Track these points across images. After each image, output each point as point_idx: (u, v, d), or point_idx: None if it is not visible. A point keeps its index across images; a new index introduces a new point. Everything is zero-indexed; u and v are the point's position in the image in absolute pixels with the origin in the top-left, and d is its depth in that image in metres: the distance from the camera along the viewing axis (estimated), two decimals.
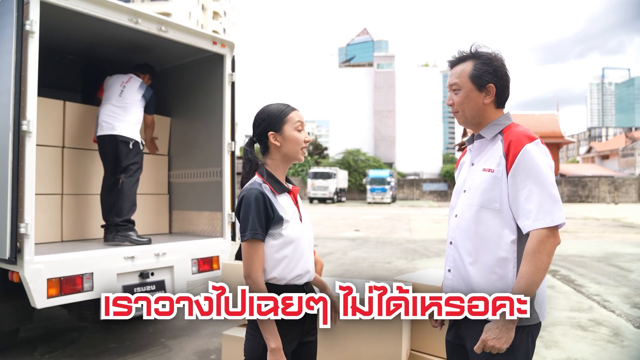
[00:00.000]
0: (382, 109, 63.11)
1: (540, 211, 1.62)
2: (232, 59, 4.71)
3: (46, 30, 3.58)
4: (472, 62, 1.78)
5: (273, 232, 1.75)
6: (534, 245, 1.61)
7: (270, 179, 1.82)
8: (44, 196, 4.21)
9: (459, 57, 1.83)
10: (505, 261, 1.69)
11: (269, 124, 1.83)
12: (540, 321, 1.73)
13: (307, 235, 1.87)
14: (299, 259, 1.80)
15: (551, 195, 1.65)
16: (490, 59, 1.77)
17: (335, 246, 11.38)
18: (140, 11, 3.92)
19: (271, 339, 1.68)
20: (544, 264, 1.61)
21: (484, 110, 1.79)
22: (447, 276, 1.86)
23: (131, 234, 4.14)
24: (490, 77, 1.75)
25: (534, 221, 1.63)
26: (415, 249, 11.03)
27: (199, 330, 4.69)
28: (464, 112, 1.81)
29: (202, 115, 4.98)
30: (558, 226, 1.64)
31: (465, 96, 1.79)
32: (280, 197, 1.81)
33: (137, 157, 4.36)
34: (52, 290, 3.44)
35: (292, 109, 1.87)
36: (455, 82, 1.81)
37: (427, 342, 3.01)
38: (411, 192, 45.51)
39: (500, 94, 1.79)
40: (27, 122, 3.25)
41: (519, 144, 1.67)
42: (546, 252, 1.61)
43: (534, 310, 1.68)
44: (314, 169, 38.14)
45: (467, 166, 1.88)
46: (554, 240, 1.63)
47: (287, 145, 1.83)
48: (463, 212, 1.80)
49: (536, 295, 1.68)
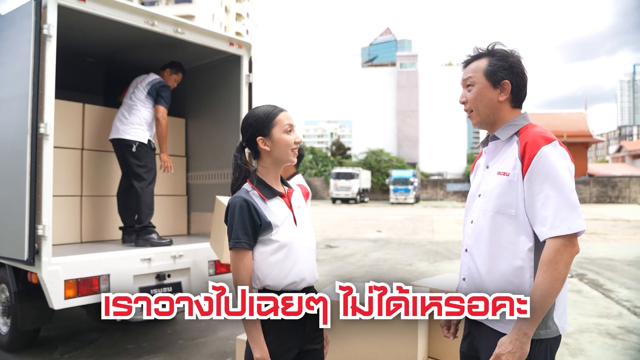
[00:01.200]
0: (405, 109, 62.59)
1: (557, 218, 1.52)
2: (249, 60, 4.69)
3: (65, 34, 3.63)
4: (487, 59, 1.71)
5: (262, 238, 1.72)
6: (550, 255, 1.52)
7: (260, 184, 1.78)
8: (63, 198, 4.26)
9: (474, 55, 1.76)
10: (522, 270, 1.60)
11: (256, 128, 1.78)
12: (560, 334, 1.63)
13: (303, 239, 1.81)
14: (292, 264, 1.74)
15: (569, 201, 1.54)
16: (506, 55, 1.69)
17: (356, 247, 11.29)
18: (156, 13, 3.93)
19: (256, 348, 1.65)
20: (561, 274, 1.51)
21: (499, 108, 1.70)
22: (461, 285, 1.78)
23: (152, 237, 4.17)
24: (506, 74, 1.67)
25: (550, 229, 1.53)
26: (437, 250, 10.85)
27: (217, 332, 4.67)
28: (477, 110, 1.72)
29: (220, 117, 4.98)
30: (577, 234, 1.54)
31: (478, 92, 1.70)
32: (271, 202, 1.77)
33: (145, 160, 4.27)
34: (69, 292, 3.48)
35: (279, 111, 1.81)
36: (469, 76, 1.73)
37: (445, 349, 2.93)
38: (435, 192, 44.97)
39: (516, 92, 1.70)
40: (45, 125, 3.29)
41: (536, 146, 1.57)
42: (563, 262, 1.52)
43: (553, 322, 1.60)
44: (337, 170, 38.04)
45: (482, 169, 1.80)
46: (572, 250, 1.53)
47: (277, 149, 1.78)
48: (478, 218, 1.72)
49: (556, 306, 1.59)
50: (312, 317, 1.74)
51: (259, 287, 1.75)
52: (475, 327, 1.71)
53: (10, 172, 3.51)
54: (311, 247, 1.85)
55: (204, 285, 4.29)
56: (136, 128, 4.29)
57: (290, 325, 1.70)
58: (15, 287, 3.73)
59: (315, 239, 1.92)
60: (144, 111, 4.35)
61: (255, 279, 1.74)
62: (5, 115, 3.64)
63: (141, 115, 4.33)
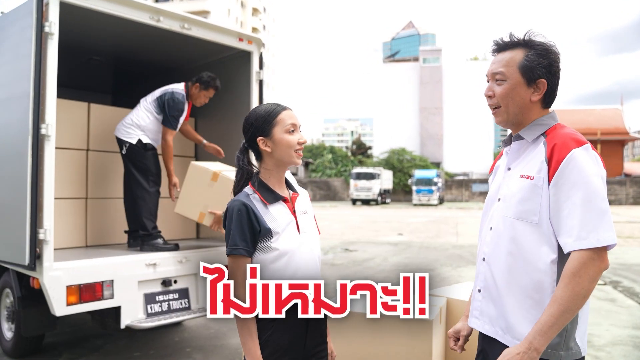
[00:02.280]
0: (429, 106, 61.75)
1: (584, 229, 1.36)
2: (259, 56, 4.51)
3: (68, 32, 3.53)
4: (523, 51, 1.52)
5: (262, 245, 1.62)
6: (574, 267, 1.35)
7: (262, 187, 1.68)
8: (67, 200, 4.16)
9: (508, 42, 1.56)
10: (543, 284, 1.44)
11: (256, 128, 1.68)
12: (583, 355, 1.49)
13: (306, 247, 1.68)
14: (292, 274, 1.61)
15: (600, 211, 1.37)
16: (547, 51, 1.52)
17: (375, 251, 11.03)
18: (161, 9, 3.79)
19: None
20: (584, 290, 1.35)
21: (529, 108, 1.54)
22: (475, 297, 1.64)
23: (157, 242, 4.00)
24: (543, 72, 1.51)
25: (576, 240, 1.37)
26: (461, 255, 10.51)
27: (226, 340, 4.52)
28: (506, 108, 1.55)
29: (230, 115, 4.81)
30: (607, 247, 1.37)
31: (510, 89, 1.53)
32: (273, 206, 1.66)
33: (140, 161, 4.04)
34: (71, 298, 3.38)
35: (282, 109, 1.69)
36: (500, 70, 1.54)
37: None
38: (460, 193, 44.14)
39: (549, 92, 1.54)
40: (46, 125, 3.20)
41: (565, 149, 1.42)
42: (588, 277, 1.35)
43: (575, 343, 1.46)
44: (357, 169, 37.66)
45: (503, 171, 1.63)
46: (599, 265, 1.36)
47: (278, 151, 1.66)
48: (497, 224, 1.57)
49: (578, 326, 1.45)
50: (313, 330, 1.66)
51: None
52: (489, 344, 1.58)
53: (11, 175, 3.43)
54: (314, 257, 1.72)
55: None
56: (128, 128, 4.09)
57: (289, 338, 1.61)
58: (19, 293, 3.65)
59: (320, 247, 1.78)
60: (142, 115, 4.13)
61: None
62: (6, 116, 3.56)
63: (138, 116, 4.12)
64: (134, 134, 4.06)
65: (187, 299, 3.96)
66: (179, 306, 3.91)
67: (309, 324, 1.64)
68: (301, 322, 1.61)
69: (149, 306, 3.72)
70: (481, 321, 1.60)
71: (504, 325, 1.51)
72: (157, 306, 3.78)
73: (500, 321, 1.52)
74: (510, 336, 1.49)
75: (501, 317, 1.52)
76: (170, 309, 3.84)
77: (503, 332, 1.51)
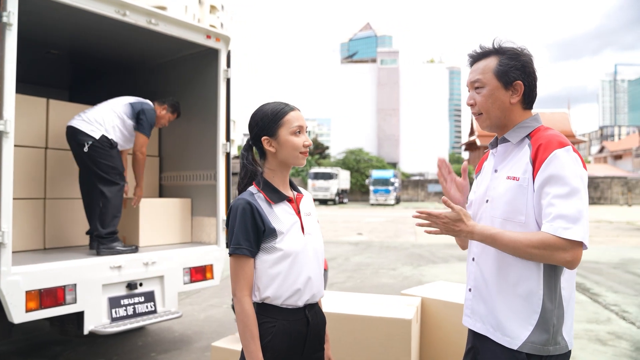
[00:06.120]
0: (386, 107, 62.73)
1: (560, 218, 1.41)
2: (227, 54, 4.43)
3: (27, 23, 3.35)
4: (496, 58, 1.60)
5: (266, 245, 1.59)
6: (536, 240, 1.41)
7: (267, 187, 1.66)
8: (24, 200, 3.94)
9: (481, 52, 1.64)
10: (531, 283, 1.50)
11: (262, 128, 1.65)
12: (569, 349, 1.53)
13: (310, 248, 1.66)
14: (296, 276, 1.60)
15: (575, 210, 1.41)
16: (517, 54, 1.60)
17: (337, 251, 11.09)
18: (127, 2, 3.65)
19: None
20: (528, 256, 1.44)
21: (510, 111, 1.61)
22: (467, 296, 1.69)
23: (116, 245, 3.82)
24: (518, 74, 1.58)
25: (550, 223, 1.42)
26: (421, 254, 10.73)
27: (191, 343, 4.42)
28: (488, 113, 1.62)
29: (196, 114, 4.69)
30: (582, 245, 1.41)
31: (489, 94, 1.60)
32: (277, 206, 1.64)
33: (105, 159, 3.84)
34: (31, 304, 3.21)
35: (289, 110, 1.66)
36: (478, 78, 1.61)
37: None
38: (416, 193, 45.11)
39: (528, 93, 1.61)
40: (4, 121, 3.01)
41: (548, 149, 1.48)
42: (540, 256, 1.42)
43: (563, 337, 1.51)
44: (315, 170, 37.76)
45: (490, 173, 1.68)
46: (562, 255, 1.40)
47: (283, 152, 1.64)
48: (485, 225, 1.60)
49: (565, 321, 1.51)
50: (312, 336, 1.65)
51: (257, 299, 1.60)
52: (480, 341, 1.62)
53: None
54: (319, 259, 1.71)
55: (178, 293, 4.03)
56: (91, 124, 3.83)
57: (287, 344, 1.59)
58: None
59: (323, 251, 1.76)
60: (110, 116, 3.91)
61: (255, 290, 1.60)
62: None
63: (104, 116, 3.89)
64: (97, 130, 3.84)
65: (153, 302, 3.84)
66: (144, 310, 3.79)
67: (308, 331, 1.63)
68: (301, 329, 1.61)
69: (113, 310, 3.58)
70: (473, 319, 1.65)
71: (494, 323, 1.56)
72: (122, 310, 3.65)
73: (491, 319, 1.57)
74: (501, 333, 1.53)
75: (491, 315, 1.56)
76: (135, 313, 3.71)
77: (494, 329, 1.56)
